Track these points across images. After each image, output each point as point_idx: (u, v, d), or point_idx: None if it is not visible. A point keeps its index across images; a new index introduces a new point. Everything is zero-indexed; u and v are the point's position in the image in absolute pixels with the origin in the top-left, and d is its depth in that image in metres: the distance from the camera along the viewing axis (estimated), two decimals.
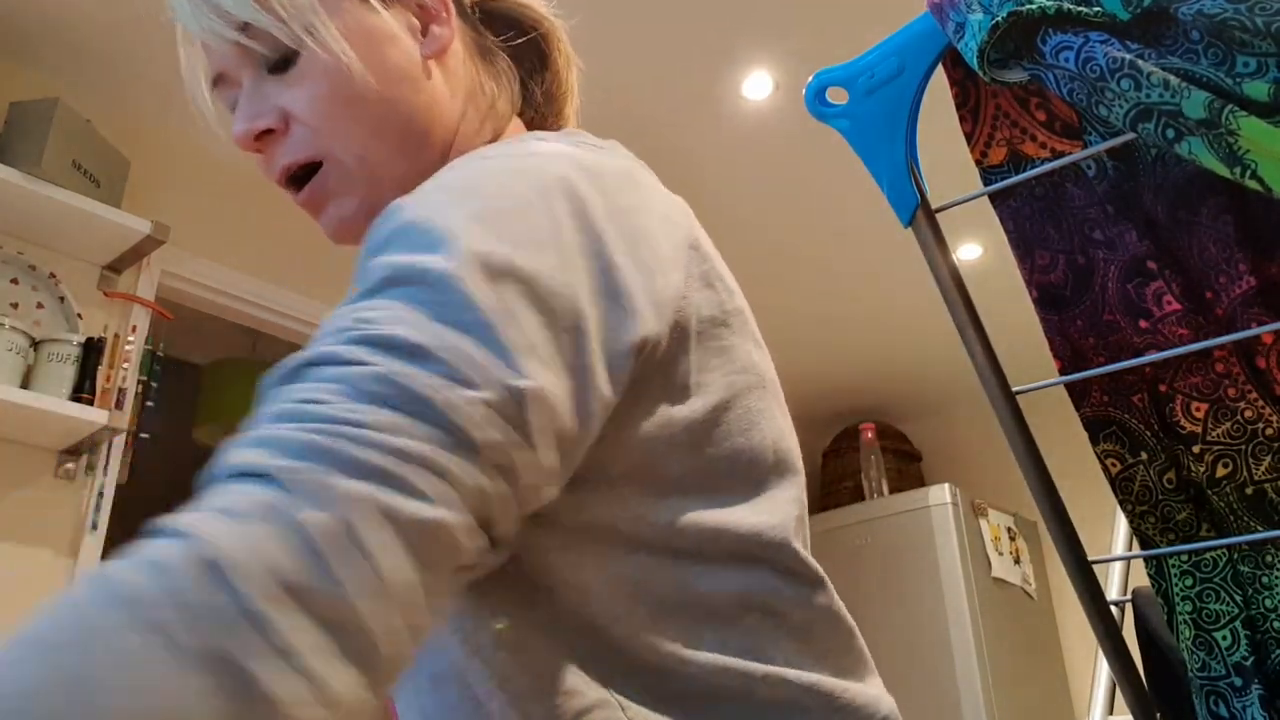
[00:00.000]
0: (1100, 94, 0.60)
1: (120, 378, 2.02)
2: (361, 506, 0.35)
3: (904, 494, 3.39)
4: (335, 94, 0.58)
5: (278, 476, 0.35)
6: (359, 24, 0.59)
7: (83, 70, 2.15)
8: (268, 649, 0.31)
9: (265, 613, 0.31)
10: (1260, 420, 0.69)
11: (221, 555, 0.32)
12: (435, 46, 0.63)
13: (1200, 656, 0.70)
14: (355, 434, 0.36)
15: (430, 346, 0.40)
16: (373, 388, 0.38)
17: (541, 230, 0.47)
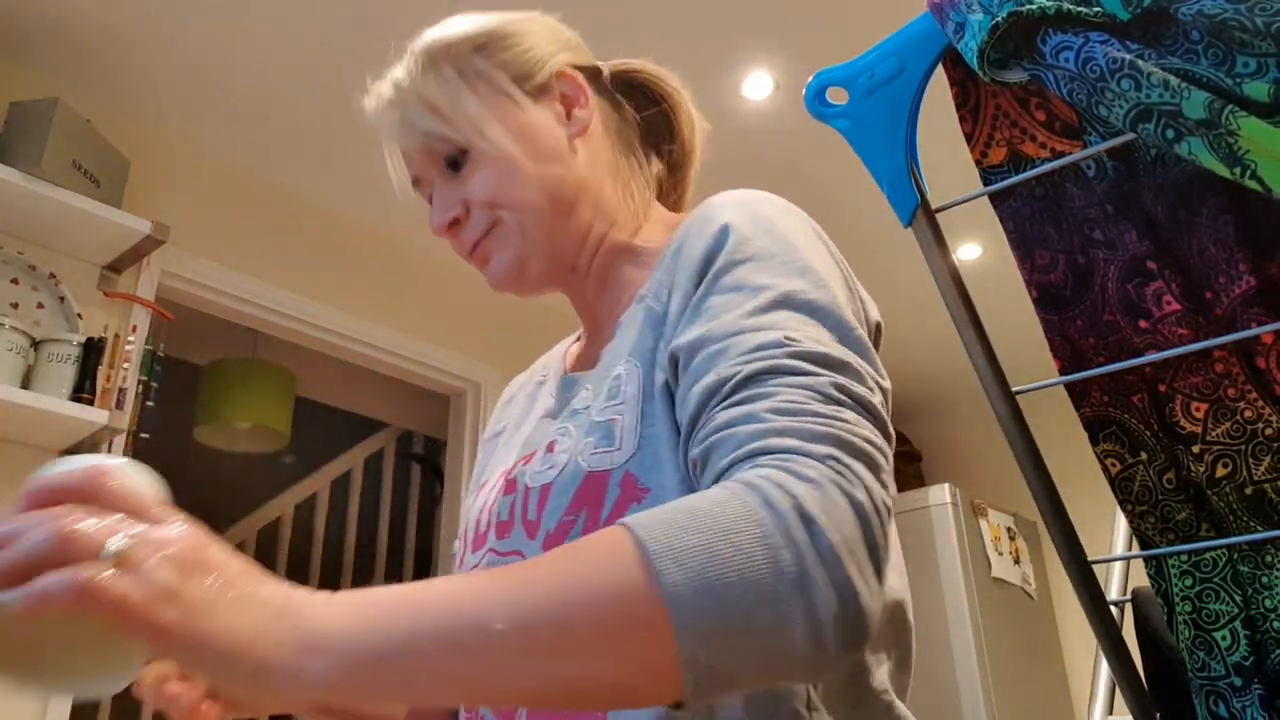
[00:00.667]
0: (1100, 94, 0.60)
1: (120, 378, 2.02)
2: (874, 489, 0.48)
3: (904, 494, 3.39)
4: (500, 177, 0.71)
5: (811, 455, 0.48)
6: (515, 121, 0.73)
7: (83, 70, 2.15)
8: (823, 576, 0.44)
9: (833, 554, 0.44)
10: (1260, 420, 0.69)
11: (817, 518, 0.45)
12: (578, 128, 0.75)
13: (1200, 656, 0.70)
14: (842, 426, 0.50)
15: (848, 362, 0.55)
16: (832, 393, 0.52)
17: (829, 264, 0.64)
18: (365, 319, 2.64)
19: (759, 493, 0.45)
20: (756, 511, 0.44)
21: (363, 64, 0.87)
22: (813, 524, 0.44)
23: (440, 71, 0.73)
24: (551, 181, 0.72)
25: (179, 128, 2.36)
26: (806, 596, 0.42)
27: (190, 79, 2.19)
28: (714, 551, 0.42)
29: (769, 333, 0.54)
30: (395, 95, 0.74)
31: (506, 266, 0.74)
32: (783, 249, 0.61)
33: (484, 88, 0.73)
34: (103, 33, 2.06)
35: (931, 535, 3.23)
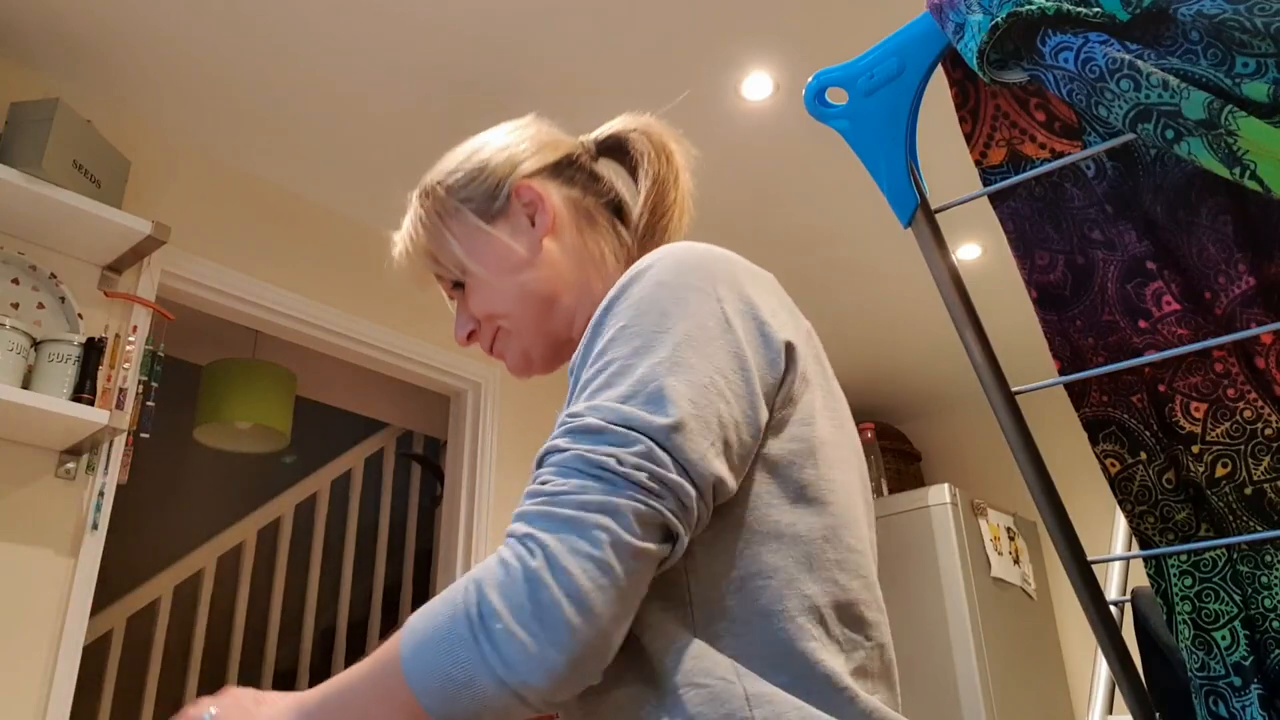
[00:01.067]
0: (1099, 94, 0.60)
1: (121, 378, 2.02)
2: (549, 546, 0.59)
3: (904, 494, 3.39)
4: (488, 297, 0.87)
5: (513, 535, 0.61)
6: (489, 249, 0.88)
7: (83, 70, 2.16)
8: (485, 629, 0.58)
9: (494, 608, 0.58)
10: (1259, 420, 0.70)
11: (485, 592, 0.59)
12: (541, 230, 0.88)
13: (1199, 656, 0.70)
14: (559, 499, 0.61)
15: (607, 425, 0.63)
16: (574, 465, 0.62)
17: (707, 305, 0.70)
18: (365, 319, 2.64)
19: (472, 574, 0.60)
20: (454, 595, 0.60)
21: (363, 63, 0.87)
22: (483, 596, 0.58)
23: (429, 218, 0.89)
24: (527, 287, 0.86)
25: (179, 128, 2.36)
26: (481, 652, 0.57)
27: (190, 79, 2.19)
28: (427, 631, 0.59)
29: (566, 414, 0.65)
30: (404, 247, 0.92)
31: (516, 361, 0.90)
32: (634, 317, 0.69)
33: (458, 226, 0.88)
34: (103, 33, 2.06)
35: (931, 535, 3.23)
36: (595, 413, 0.63)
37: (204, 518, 4.00)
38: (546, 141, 0.92)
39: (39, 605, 1.89)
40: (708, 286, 0.70)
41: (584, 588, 0.57)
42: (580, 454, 0.61)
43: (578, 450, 0.61)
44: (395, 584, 4.32)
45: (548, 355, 0.89)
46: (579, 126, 1.03)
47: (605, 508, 0.59)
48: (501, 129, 0.93)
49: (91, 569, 1.97)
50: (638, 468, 0.60)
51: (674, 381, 0.64)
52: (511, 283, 0.86)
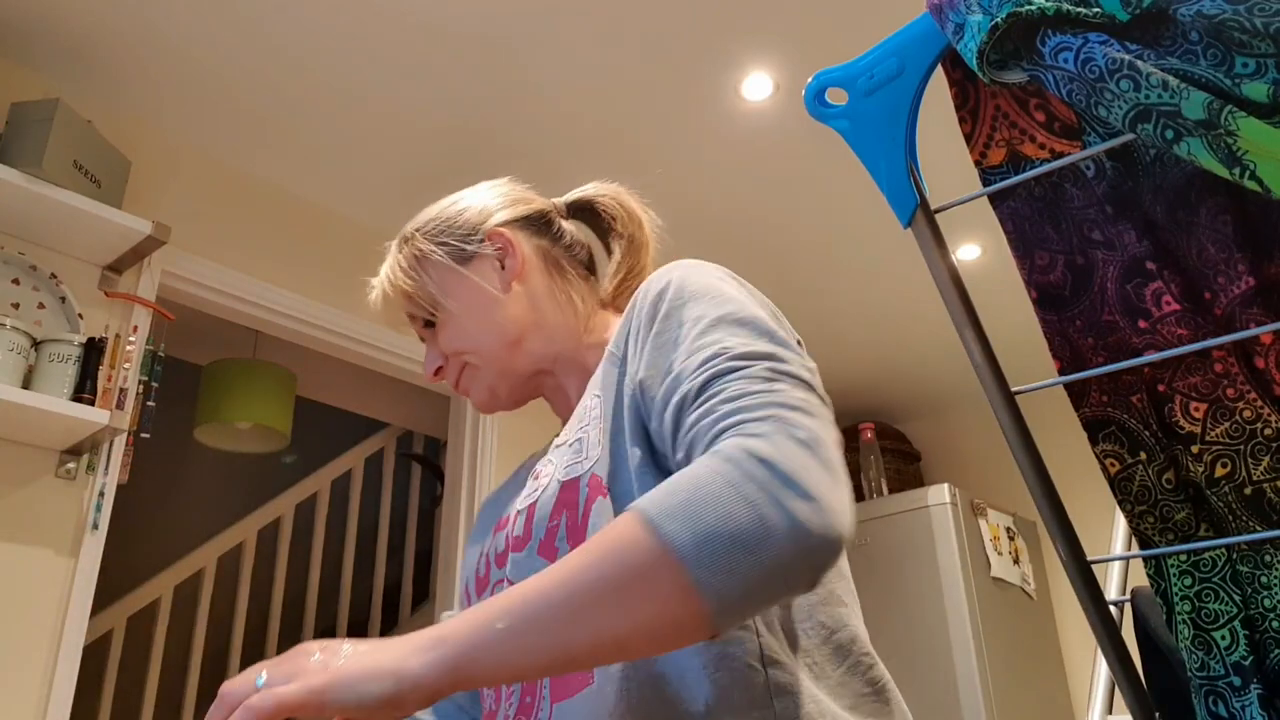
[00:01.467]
0: (1099, 95, 0.60)
1: (121, 378, 2.02)
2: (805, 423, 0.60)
3: (903, 494, 3.39)
4: (458, 333, 0.92)
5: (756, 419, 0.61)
6: (461, 287, 0.93)
7: (83, 70, 2.16)
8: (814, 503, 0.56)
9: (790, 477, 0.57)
10: (1259, 420, 0.70)
11: (768, 456, 0.57)
12: (510, 274, 0.94)
13: (1199, 656, 0.70)
14: (777, 394, 0.63)
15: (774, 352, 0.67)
16: (766, 374, 0.64)
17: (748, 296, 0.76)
18: (365, 319, 2.64)
19: (719, 455, 0.57)
20: (719, 466, 0.56)
21: (363, 64, 0.87)
22: (766, 461, 0.56)
23: (407, 261, 0.95)
24: (496, 326, 0.91)
25: (179, 128, 2.36)
26: (780, 508, 0.54)
27: (190, 79, 2.19)
28: (692, 501, 0.55)
29: (710, 349, 0.68)
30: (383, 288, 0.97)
31: (481, 396, 0.94)
32: (711, 291, 0.75)
33: (434, 268, 0.94)
34: (103, 33, 2.06)
35: (931, 535, 3.23)
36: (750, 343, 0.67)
37: (204, 518, 4.00)
38: (519, 197, 0.99)
39: (39, 605, 1.89)
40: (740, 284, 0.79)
41: (839, 455, 0.60)
42: (772, 367, 0.65)
43: (765, 364, 0.65)
44: (395, 584, 4.32)
45: (513, 392, 0.94)
46: (580, 126, 1.03)
47: (805, 405, 0.62)
48: (479, 187, 1.00)
49: (91, 569, 1.97)
50: (810, 382, 0.65)
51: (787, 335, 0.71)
52: (481, 320, 0.92)
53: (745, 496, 0.54)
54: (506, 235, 0.95)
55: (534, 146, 2.42)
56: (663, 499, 0.56)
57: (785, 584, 0.55)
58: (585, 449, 0.77)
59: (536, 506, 0.78)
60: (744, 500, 0.54)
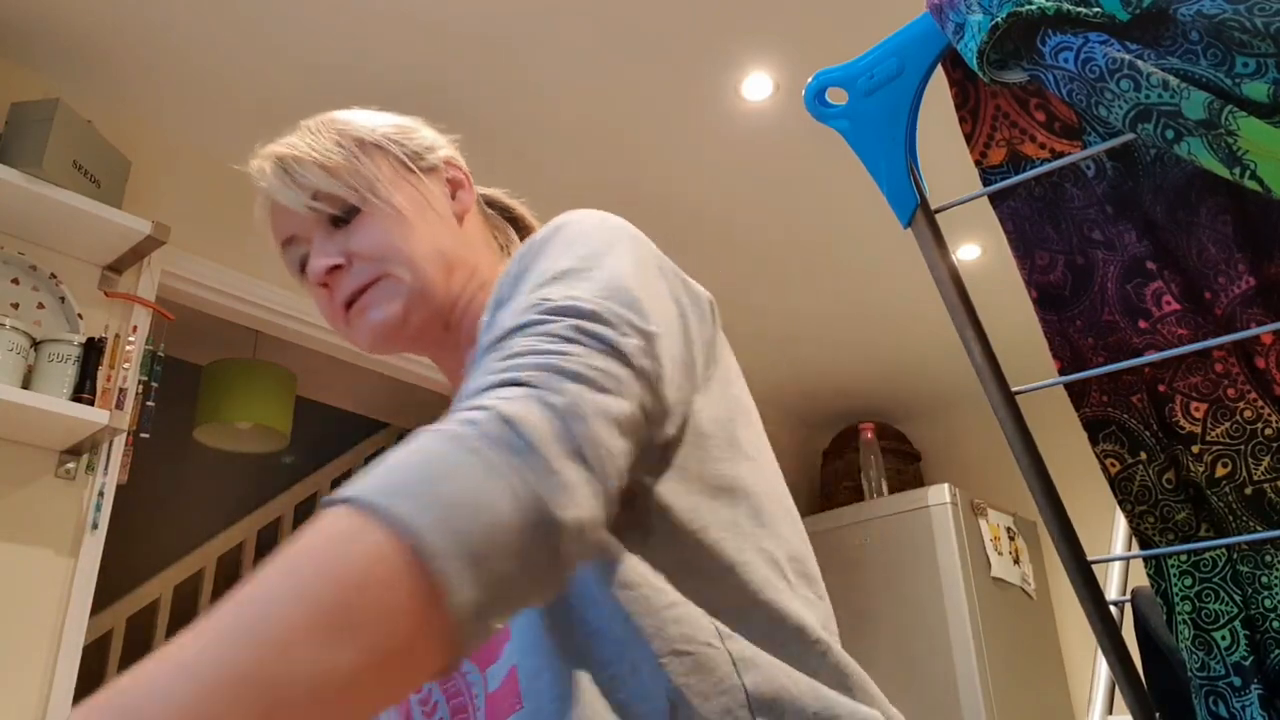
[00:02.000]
0: (1099, 94, 0.60)
1: (121, 378, 2.02)
2: (580, 395, 0.50)
3: (904, 494, 3.39)
4: (390, 232, 0.75)
5: (514, 383, 0.50)
6: (410, 186, 0.78)
7: (83, 70, 2.16)
8: (553, 479, 0.46)
9: (547, 453, 0.46)
10: (1259, 420, 0.70)
11: (513, 416, 0.47)
12: (461, 206, 0.82)
13: (1199, 656, 0.70)
14: (557, 358, 0.52)
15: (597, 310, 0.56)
16: (568, 334, 0.54)
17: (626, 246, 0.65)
18: None
19: (456, 419, 0.47)
20: (454, 430, 0.46)
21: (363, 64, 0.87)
22: (510, 422, 0.46)
23: (336, 140, 0.77)
24: (440, 244, 0.77)
25: (179, 128, 2.36)
26: (520, 478, 0.45)
27: (190, 79, 2.19)
28: (427, 474, 0.43)
29: (530, 301, 0.57)
30: (286, 153, 0.77)
31: (389, 317, 0.75)
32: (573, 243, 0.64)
33: (379, 156, 0.78)
34: (103, 33, 2.06)
35: (931, 535, 3.23)
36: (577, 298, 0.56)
37: (204, 518, 4.00)
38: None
39: (39, 605, 1.89)
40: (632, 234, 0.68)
41: (610, 440, 0.50)
42: (580, 326, 0.54)
43: (574, 323, 0.54)
44: None
45: (423, 325, 0.76)
46: (581, 128, 1.03)
47: (612, 376, 0.53)
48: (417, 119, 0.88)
49: (91, 569, 1.97)
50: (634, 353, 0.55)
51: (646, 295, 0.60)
52: (426, 231, 0.76)
53: (489, 464, 0.44)
54: (462, 168, 0.84)
55: (534, 146, 2.42)
56: (382, 477, 0.43)
57: (538, 564, 0.45)
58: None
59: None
60: (488, 467, 0.44)
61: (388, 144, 0.79)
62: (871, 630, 3.25)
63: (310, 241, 0.77)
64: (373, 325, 0.75)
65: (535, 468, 0.45)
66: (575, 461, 0.47)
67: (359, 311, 0.75)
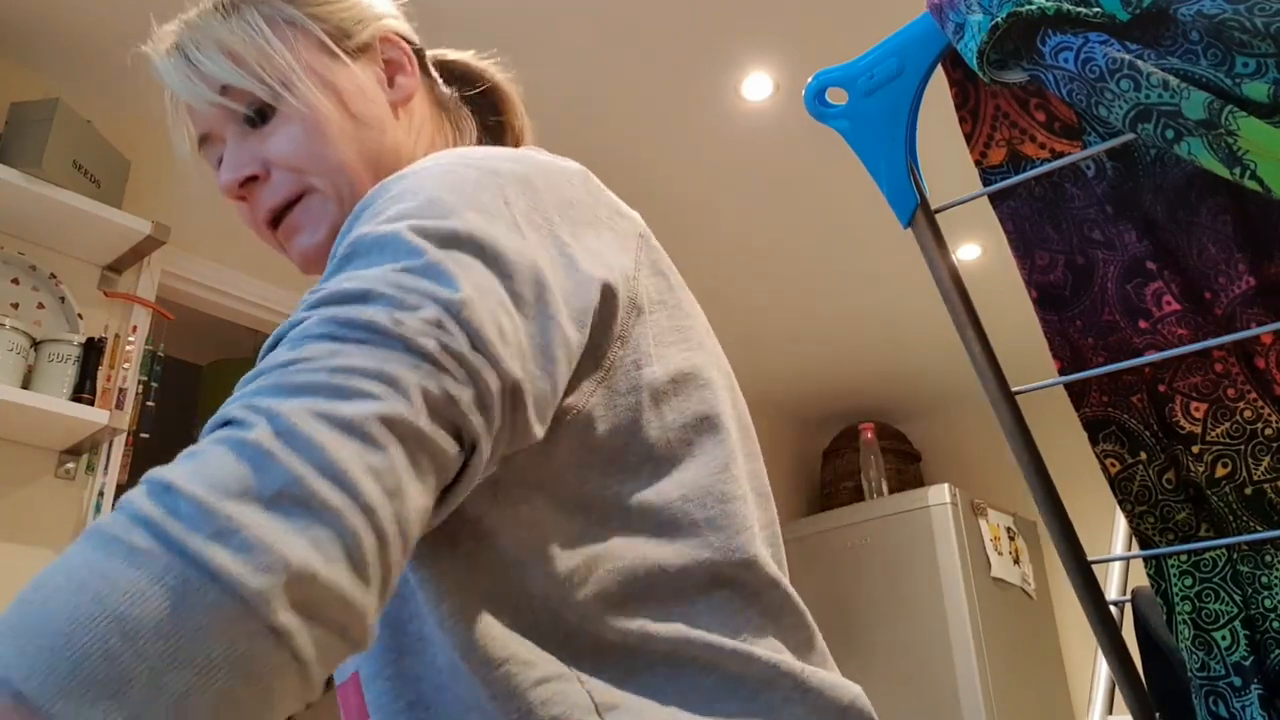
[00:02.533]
0: (1100, 94, 0.60)
1: (121, 378, 2.02)
2: (298, 414, 0.37)
3: (904, 494, 3.39)
4: (312, 137, 0.62)
5: (234, 417, 0.38)
6: (331, 77, 0.64)
7: (83, 70, 2.16)
8: (207, 531, 0.33)
9: (206, 506, 0.34)
10: (1259, 420, 0.70)
11: (172, 480, 0.35)
12: (400, 95, 0.68)
13: (1200, 656, 0.70)
14: (295, 367, 0.40)
15: (374, 288, 0.43)
16: (315, 330, 0.42)
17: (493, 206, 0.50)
18: None
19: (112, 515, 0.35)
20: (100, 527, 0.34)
21: None
22: (168, 489, 0.35)
23: (244, 16, 0.64)
24: (370, 148, 0.64)
25: None
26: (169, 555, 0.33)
27: None
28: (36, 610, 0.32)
29: (312, 291, 0.46)
30: (188, 36, 0.65)
31: (321, 241, 0.64)
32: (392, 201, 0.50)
33: (296, 38, 0.64)
34: (103, 33, 2.06)
35: (931, 535, 3.23)
36: (355, 280, 0.44)
37: None
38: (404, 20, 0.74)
39: None
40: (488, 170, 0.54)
41: (340, 459, 0.36)
42: (331, 317, 0.42)
43: (328, 313, 0.43)
44: None
45: None
46: (581, 128, 1.03)
47: (374, 375, 0.40)
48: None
49: None
50: (422, 332, 0.42)
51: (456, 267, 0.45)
52: (352, 134, 0.64)
53: (130, 554, 0.32)
54: (403, 46, 0.70)
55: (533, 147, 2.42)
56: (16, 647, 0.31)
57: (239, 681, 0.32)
58: None
59: None
60: (128, 559, 0.32)
61: (306, 22, 0.65)
62: (871, 630, 3.25)
63: (224, 141, 0.66)
64: (303, 250, 0.65)
65: (194, 537, 0.33)
66: (272, 509, 0.34)
67: (286, 233, 0.66)
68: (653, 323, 0.58)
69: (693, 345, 0.61)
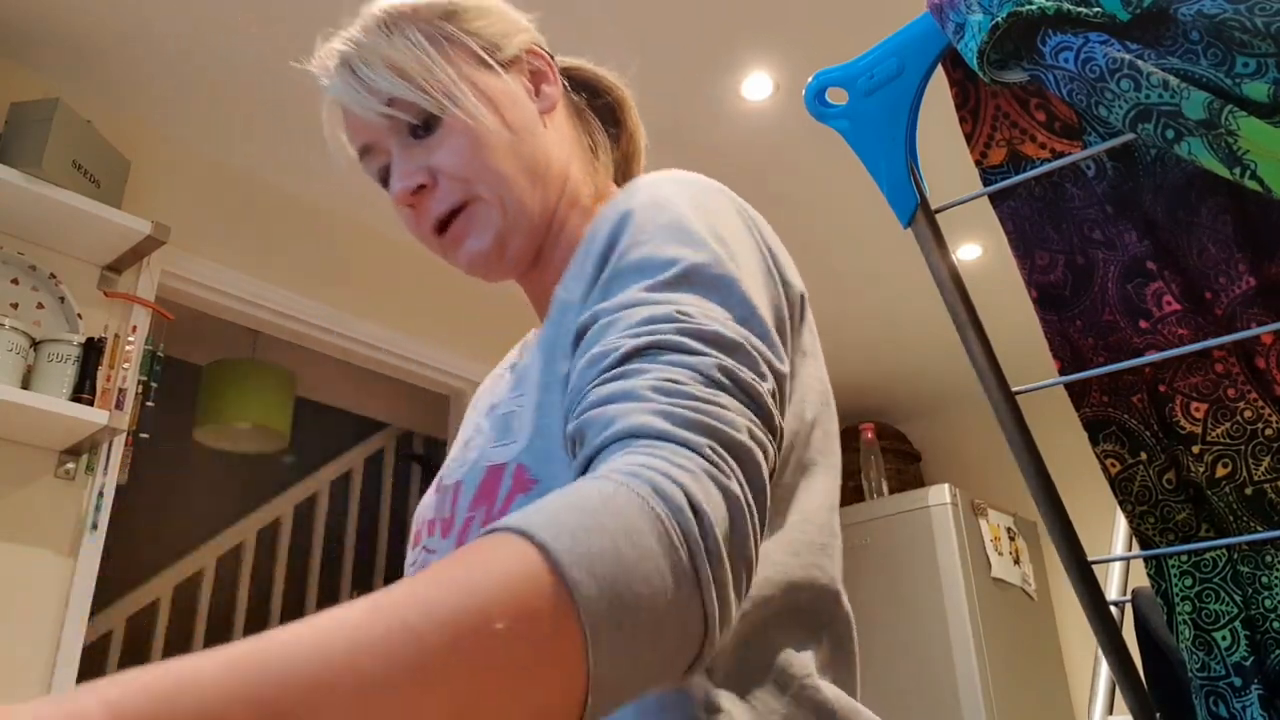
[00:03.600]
0: (1100, 94, 0.60)
1: (120, 378, 2.02)
2: (738, 475, 0.46)
3: (904, 494, 3.39)
4: (476, 148, 0.67)
5: (687, 444, 0.45)
6: (488, 88, 0.69)
7: (83, 70, 2.16)
8: (714, 575, 0.41)
9: (719, 556, 0.42)
10: (1260, 420, 0.69)
11: (701, 509, 0.42)
12: (547, 104, 0.73)
13: (1200, 656, 0.70)
14: (719, 414, 0.47)
15: (741, 344, 0.51)
16: (716, 376, 0.49)
17: (744, 239, 0.61)
18: (365, 319, 2.64)
19: (649, 484, 0.42)
20: (653, 508, 0.41)
21: None
22: (702, 517, 0.42)
23: (405, 34, 0.68)
24: (527, 154, 0.69)
25: (179, 128, 2.36)
26: (702, 597, 0.41)
27: (190, 79, 2.19)
28: (620, 556, 0.38)
29: (663, 307, 0.52)
30: (354, 54, 0.68)
31: (487, 247, 0.69)
32: (689, 224, 0.58)
33: (455, 51, 0.69)
34: (103, 33, 2.06)
35: (931, 535, 3.23)
36: (715, 320, 0.51)
37: (204, 518, 4.00)
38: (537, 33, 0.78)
39: (39, 605, 1.89)
40: (731, 206, 0.64)
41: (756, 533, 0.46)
42: (727, 367, 0.49)
43: (720, 361, 0.49)
44: None
45: (522, 250, 0.71)
46: None
47: (760, 446, 0.48)
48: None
49: (91, 569, 1.97)
50: (774, 405, 0.51)
51: (769, 313, 0.55)
52: (512, 143, 0.69)
53: (678, 566, 0.40)
54: (545, 56, 0.75)
55: None
56: (579, 537, 0.38)
57: (666, 679, 0.42)
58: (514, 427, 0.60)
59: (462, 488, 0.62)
60: (675, 573, 0.40)
61: (463, 37, 0.69)
62: (871, 630, 3.25)
63: (388, 152, 0.70)
64: (470, 256, 0.70)
65: (710, 575, 0.41)
66: (734, 573, 0.43)
67: (453, 241, 0.70)
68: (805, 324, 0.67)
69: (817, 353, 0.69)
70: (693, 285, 0.54)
